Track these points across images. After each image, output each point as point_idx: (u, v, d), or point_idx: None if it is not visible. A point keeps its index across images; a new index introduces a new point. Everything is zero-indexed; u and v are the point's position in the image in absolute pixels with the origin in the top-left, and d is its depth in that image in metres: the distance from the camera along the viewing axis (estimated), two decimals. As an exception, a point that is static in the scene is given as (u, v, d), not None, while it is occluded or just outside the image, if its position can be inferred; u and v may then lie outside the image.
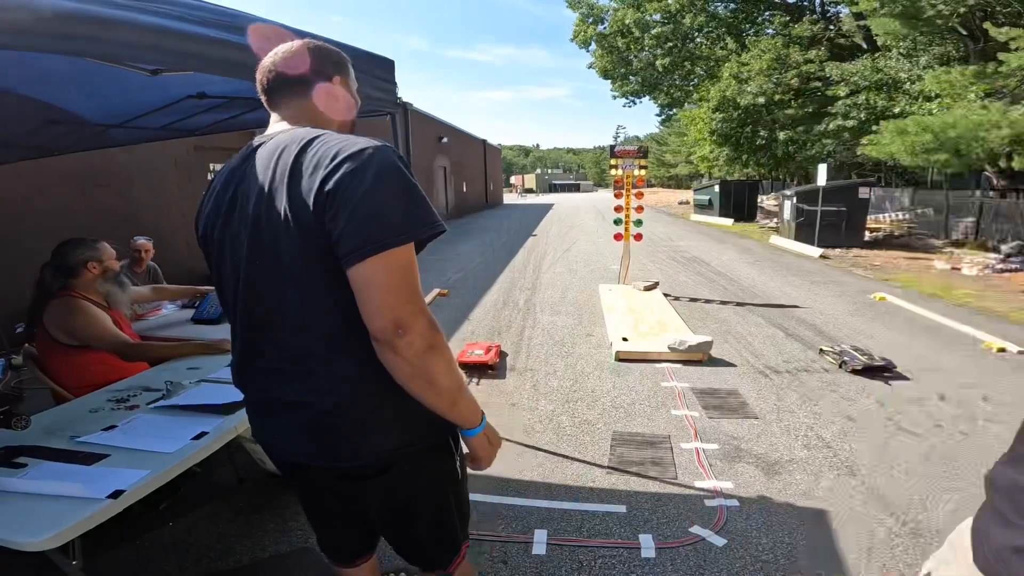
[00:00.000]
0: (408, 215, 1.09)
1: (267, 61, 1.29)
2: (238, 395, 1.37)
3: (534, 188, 75.84)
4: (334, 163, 1.08)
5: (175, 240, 7.52)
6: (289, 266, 1.13)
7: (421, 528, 1.40)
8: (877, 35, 11.90)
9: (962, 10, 8.74)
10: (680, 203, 33.04)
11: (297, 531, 2.59)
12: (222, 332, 3.02)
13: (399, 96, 3.13)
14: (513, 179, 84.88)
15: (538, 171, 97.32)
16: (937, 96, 9.77)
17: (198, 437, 1.87)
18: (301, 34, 1.82)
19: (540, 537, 2.56)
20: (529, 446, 3.45)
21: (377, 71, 2.87)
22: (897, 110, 11.74)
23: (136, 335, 2.89)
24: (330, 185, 1.06)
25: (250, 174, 1.20)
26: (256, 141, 1.26)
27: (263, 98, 1.31)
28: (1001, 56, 6.46)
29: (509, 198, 49.79)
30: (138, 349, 2.68)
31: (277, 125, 1.28)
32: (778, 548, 2.39)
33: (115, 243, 2.83)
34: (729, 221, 19.28)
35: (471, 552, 2.46)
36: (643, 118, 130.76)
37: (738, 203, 20.18)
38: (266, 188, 1.14)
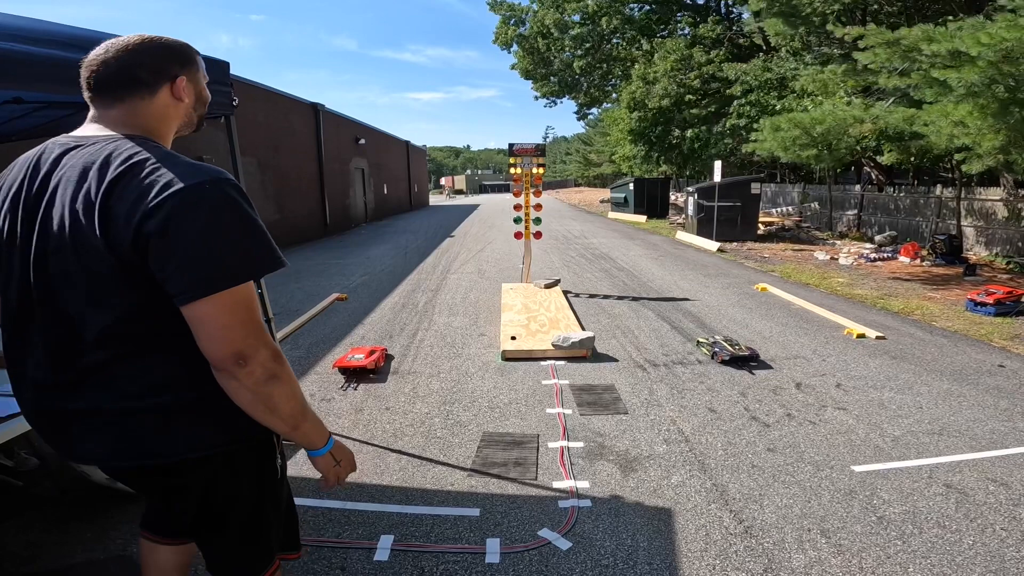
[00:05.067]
0: (245, 254, 1.08)
1: (97, 54, 1.16)
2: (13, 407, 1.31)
3: (464, 189, 75.36)
4: (160, 197, 1.01)
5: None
6: (86, 284, 1.07)
7: (231, 533, 1.35)
8: (768, 35, 12.60)
9: (837, 7, 9.36)
10: (601, 201, 33.78)
11: (116, 540, 2.45)
12: None
13: (235, 99, 2.99)
14: (443, 180, 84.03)
15: (468, 172, 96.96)
16: (811, 94, 10.45)
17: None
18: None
19: (385, 543, 2.48)
20: (393, 450, 3.35)
21: (208, 73, 2.79)
22: (778, 108, 12.47)
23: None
24: (154, 223, 1.00)
25: (56, 181, 1.09)
26: (62, 141, 1.15)
27: (87, 95, 1.18)
28: (856, 55, 6.96)
29: (437, 199, 49.30)
30: None
31: (92, 127, 1.17)
32: (619, 551, 2.39)
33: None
34: (643, 218, 19.89)
35: (301, 562, 2.34)
36: (570, 118, 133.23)
37: (651, 200, 20.86)
38: (77, 203, 1.05)
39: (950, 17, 7.44)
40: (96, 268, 1.06)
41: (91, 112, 1.19)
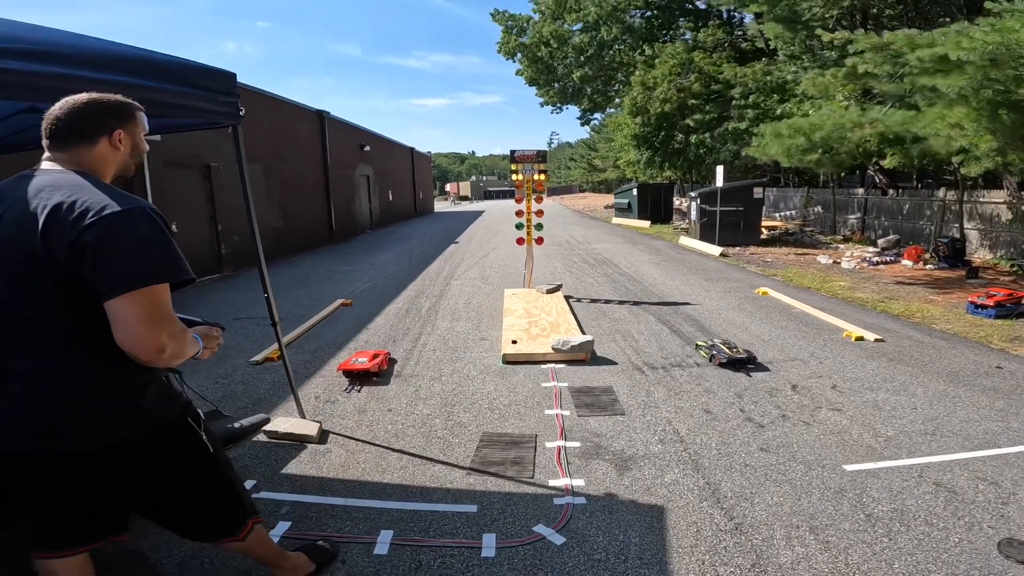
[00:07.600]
0: (165, 263, 1.37)
1: (52, 110, 1.46)
2: None
3: (469, 195, 75.52)
4: (99, 216, 1.29)
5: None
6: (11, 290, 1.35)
7: (186, 502, 1.65)
8: (769, 39, 12.63)
9: (835, 12, 9.40)
10: (606, 207, 33.83)
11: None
12: None
13: (241, 108, 3.08)
14: (448, 187, 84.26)
15: (473, 178, 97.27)
16: (811, 98, 10.48)
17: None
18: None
19: (385, 538, 2.56)
20: (394, 449, 3.43)
21: (214, 85, 2.95)
22: (778, 112, 12.49)
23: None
24: (91, 235, 1.28)
25: (12, 198, 1.37)
26: (35, 171, 1.45)
27: (45, 142, 1.47)
28: (847, 61, 7.01)
29: (442, 206, 49.51)
30: None
31: (48, 164, 1.45)
32: (611, 546, 2.45)
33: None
34: (646, 223, 19.93)
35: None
36: (575, 123, 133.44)
37: (655, 205, 20.90)
38: (19, 219, 1.32)
39: (947, 20, 7.49)
40: (24, 276, 1.33)
41: (47, 153, 1.47)
